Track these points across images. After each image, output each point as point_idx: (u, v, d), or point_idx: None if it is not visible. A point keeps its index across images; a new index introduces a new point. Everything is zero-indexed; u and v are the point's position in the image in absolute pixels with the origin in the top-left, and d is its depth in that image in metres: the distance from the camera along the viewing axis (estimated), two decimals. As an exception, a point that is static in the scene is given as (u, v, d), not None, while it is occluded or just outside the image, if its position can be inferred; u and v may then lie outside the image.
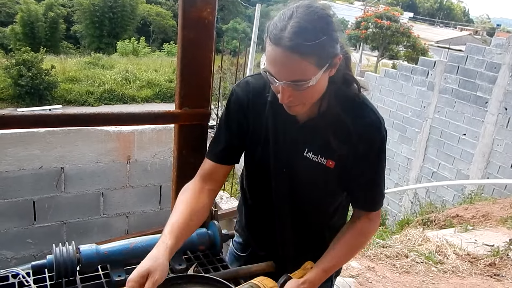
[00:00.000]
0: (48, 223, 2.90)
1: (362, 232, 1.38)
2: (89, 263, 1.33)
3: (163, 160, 3.23)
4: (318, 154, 1.30)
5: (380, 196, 1.37)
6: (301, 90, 1.13)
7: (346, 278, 3.38)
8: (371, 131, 1.27)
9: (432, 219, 5.78)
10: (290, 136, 1.32)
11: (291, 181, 1.36)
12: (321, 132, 1.28)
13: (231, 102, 1.38)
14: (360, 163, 1.29)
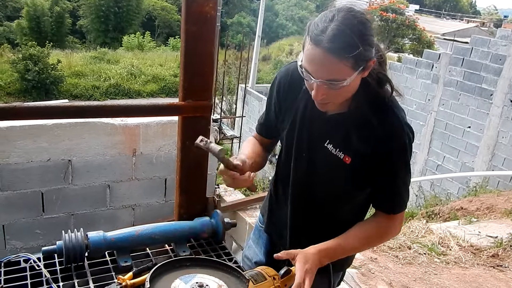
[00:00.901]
0: (56, 214, 2.97)
1: (380, 229, 1.43)
2: (96, 249, 1.39)
3: (168, 153, 3.28)
4: (337, 148, 1.37)
5: (399, 200, 1.40)
6: (334, 89, 1.20)
7: (349, 269, 3.42)
8: (392, 136, 1.30)
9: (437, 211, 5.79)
10: (315, 125, 1.40)
11: (309, 167, 1.44)
12: (345, 128, 1.34)
13: (273, 84, 1.51)
14: (377, 165, 1.33)
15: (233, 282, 1.23)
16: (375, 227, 1.42)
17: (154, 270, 1.19)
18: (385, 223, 1.42)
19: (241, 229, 3.61)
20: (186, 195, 1.71)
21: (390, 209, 1.40)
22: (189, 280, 1.15)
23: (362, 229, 1.42)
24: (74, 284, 1.30)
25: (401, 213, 1.42)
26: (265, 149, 1.62)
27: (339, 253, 1.40)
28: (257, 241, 1.78)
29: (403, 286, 3.47)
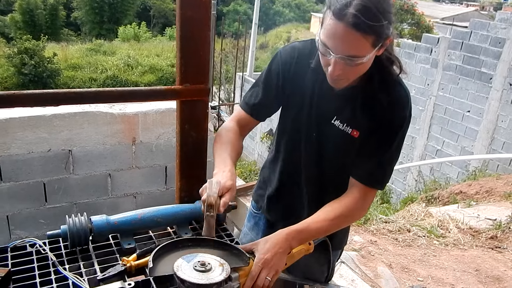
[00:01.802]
0: (58, 204, 2.99)
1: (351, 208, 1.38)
2: (100, 233, 1.42)
3: (168, 141, 3.29)
4: (344, 123, 1.38)
5: (384, 174, 1.40)
6: (352, 66, 1.20)
7: (349, 252, 3.47)
8: (396, 106, 1.33)
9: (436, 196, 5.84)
10: (323, 103, 1.40)
11: (319, 147, 1.44)
12: (352, 103, 1.36)
13: (273, 62, 1.47)
14: (377, 135, 1.35)
15: (234, 260, 1.26)
16: (345, 206, 1.38)
17: (157, 251, 1.22)
18: (357, 200, 1.37)
19: (241, 214, 3.64)
20: (186, 179, 1.73)
21: (370, 181, 1.39)
22: (191, 259, 1.18)
23: (332, 209, 1.38)
24: (80, 267, 1.33)
25: (374, 191, 1.42)
26: (242, 137, 1.55)
27: (308, 235, 1.37)
28: (253, 228, 1.80)
29: (402, 267, 3.52)
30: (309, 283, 1.55)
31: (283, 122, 1.54)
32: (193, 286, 1.11)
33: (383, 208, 5.31)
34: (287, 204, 1.60)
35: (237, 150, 1.47)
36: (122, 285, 1.24)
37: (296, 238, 1.32)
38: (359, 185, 1.39)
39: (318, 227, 1.36)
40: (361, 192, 1.39)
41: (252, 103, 1.52)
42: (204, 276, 1.12)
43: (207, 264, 1.16)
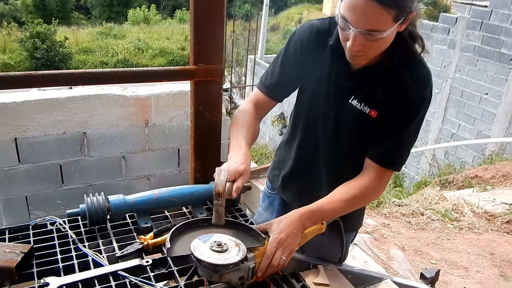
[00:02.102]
0: (75, 185, 3.04)
1: (366, 189, 1.36)
2: (117, 212, 1.44)
3: (180, 124, 3.30)
4: (362, 103, 1.35)
5: (400, 155, 1.37)
6: (372, 41, 1.17)
7: (361, 234, 3.48)
8: (418, 85, 1.29)
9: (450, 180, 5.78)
10: (341, 82, 1.37)
11: (337, 127, 1.42)
12: (370, 82, 1.33)
13: (291, 40, 1.44)
14: (395, 115, 1.32)
15: (249, 240, 1.26)
16: (360, 187, 1.36)
17: (173, 231, 1.23)
18: (372, 182, 1.35)
19: (254, 196, 3.66)
20: (201, 160, 1.74)
21: (386, 162, 1.36)
22: (207, 239, 1.19)
23: (347, 190, 1.36)
24: (99, 244, 1.35)
25: (390, 172, 1.39)
26: (259, 119, 1.52)
27: (322, 216, 1.36)
28: (267, 208, 1.80)
29: (415, 250, 3.52)
30: (323, 263, 1.56)
31: (300, 101, 1.52)
32: (210, 266, 1.12)
33: (396, 191, 5.29)
34: (303, 184, 1.60)
35: (253, 132, 1.45)
36: (140, 262, 1.27)
37: (310, 219, 1.32)
38: (374, 166, 1.37)
39: (332, 207, 1.36)
40: (377, 173, 1.36)
41: (269, 83, 1.50)
42: (221, 257, 1.13)
43: (223, 245, 1.16)
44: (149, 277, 1.22)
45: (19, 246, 1.24)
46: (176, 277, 1.25)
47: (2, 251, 1.19)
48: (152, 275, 1.23)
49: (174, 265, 1.28)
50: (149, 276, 1.23)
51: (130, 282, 1.19)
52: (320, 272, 1.50)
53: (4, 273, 1.14)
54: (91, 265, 1.25)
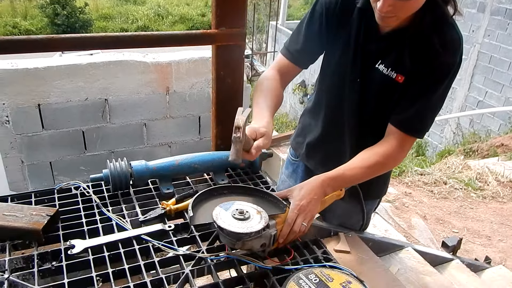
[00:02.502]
0: (97, 152, 3.09)
1: (388, 156, 1.33)
2: (140, 177, 1.45)
3: (201, 91, 3.29)
4: (389, 67, 1.31)
5: (424, 122, 1.33)
6: (403, 1, 1.12)
7: (383, 203, 3.46)
8: (449, 49, 1.23)
9: (475, 149, 5.67)
10: (368, 46, 1.33)
11: (363, 93, 1.38)
12: (399, 46, 1.28)
13: (317, 3, 1.39)
14: (422, 81, 1.27)
15: (271, 207, 1.26)
16: (381, 154, 1.33)
17: (195, 199, 1.24)
18: (394, 148, 1.32)
19: (275, 165, 3.67)
20: (222, 126, 1.73)
21: (409, 128, 1.32)
22: (229, 207, 1.19)
23: (368, 156, 1.33)
24: (122, 209, 1.37)
25: (413, 139, 1.35)
26: (284, 85, 1.49)
27: (343, 182, 1.35)
28: (291, 175, 1.79)
29: (437, 219, 3.49)
30: (344, 231, 1.55)
31: (326, 66, 1.48)
32: (232, 234, 1.12)
33: (419, 160, 5.22)
34: (327, 151, 1.58)
35: (277, 100, 1.42)
36: (163, 227, 1.28)
37: (331, 185, 1.31)
38: (397, 132, 1.33)
39: (353, 174, 1.33)
40: (399, 139, 1.33)
41: (294, 49, 1.45)
42: (244, 225, 1.13)
43: (245, 213, 1.16)
44: (171, 241, 1.24)
45: (45, 209, 1.26)
46: (198, 242, 1.26)
47: (28, 214, 1.22)
48: (175, 240, 1.25)
49: (196, 231, 1.29)
50: (171, 241, 1.24)
51: (153, 246, 1.21)
52: (341, 239, 1.50)
53: (31, 235, 1.17)
54: (115, 229, 1.27)
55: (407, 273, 1.60)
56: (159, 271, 1.13)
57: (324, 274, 1.12)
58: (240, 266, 1.19)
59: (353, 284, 1.09)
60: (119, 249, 1.18)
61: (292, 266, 1.18)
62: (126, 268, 1.11)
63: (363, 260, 1.41)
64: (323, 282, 1.09)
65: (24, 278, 1.07)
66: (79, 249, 1.16)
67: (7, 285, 1.03)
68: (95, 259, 1.14)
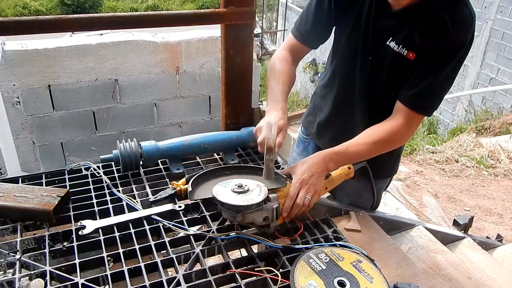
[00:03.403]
0: (108, 132, 3.10)
1: (394, 132, 1.31)
2: (150, 158, 1.45)
3: (211, 71, 3.27)
4: (400, 44, 1.29)
5: (432, 100, 1.30)
6: None
7: (394, 181, 3.44)
8: (460, 27, 1.20)
9: (487, 126, 5.59)
10: (380, 23, 1.31)
11: (374, 71, 1.37)
12: (409, 23, 1.26)
13: None
14: (432, 57, 1.25)
15: (272, 183, 1.25)
16: (387, 131, 1.31)
17: (196, 178, 1.27)
18: (400, 126, 1.29)
19: (285, 144, 3.65)
20: (232, 106, 1.72)
21: (416, 105, 1.29)
22: (228, 183, 1.20)
23: (373, 133, 1.31)
24: (132, 189, 1.38)
25: (420, 117, 1.32)
26: (295, 65, 1.50)
27: (347, 158, 1.33)
28: (302, 153, 1.79)
29: (449, 197, 3.48)
30: (354, 210, 1.55)
31: (337, 44, 1.45)
32: (233, 207, 1.13)
33: (430, 138, 5.17)
34: (338, 130, 1.56)
35: (289, 81, 1.43)
36: (173, 207, 1.29)
37: (334, 160, 1.29)
38: (404, 110, 1.31)
39: (357, 150, 1.31)
40: (406, 117, 1.30)
41: (304, 29, 1.44)
42: (244, 198, 1.14)
43: (244, 186, 1.17)
44: (182, 221, 1.25)
45: (55, 190, 1.27)
46: (209, 222, 1.26)
47: (39, 195, 1.23)
48: (185, 220, 1.25)
49: (206, 210, 1.30)
50: (182, 221, 1.25)
51: (163, 226, 1.22)
52: (351, 218, 1.50)
53: (42, 216, 1.19)
54: (126, 209, 1.28)
55: (418, 252, 1.59)
56: (170, 251, 1.14)
57: (335, 253, 1.12)
58: (251, 245, 1.19)
59: (363, 263, 1.09)
60: (130, 230, 1.19)
61: (302, 245, 1.18)
62: (136, 248, 1.12)
63: (374, 238, 1.41)
64: (334, 262, 1.09)
65: (36, 259, 1.09)
66: (90, 230, 1.17)
67: (19, 266, 1.05)
68: (106, 239, 1.15)
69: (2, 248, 1.10)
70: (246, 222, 1.16)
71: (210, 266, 1.08)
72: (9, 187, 1.27)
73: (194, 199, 1.23)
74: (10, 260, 1.07)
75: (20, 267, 1.05)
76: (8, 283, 1.01)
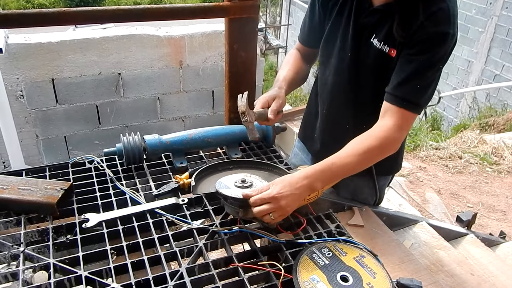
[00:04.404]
0: (111, 126, 3.11)
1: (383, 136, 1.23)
2: (153, 151, 1.45)
3: (214, 65, 3.27)
4: (381, 41, 1.28)
5: (418, 93, 1.23)
6: None
7: (397, 177, 3.43)
8: (437, 23, 1.17)
9: (491, 123, 5.57)
10: (360, 20, 1.31)
11: (354, 68, 1.36)
12: (390, 19, 1.24)
13: None
14: (410, 52, 1.22)
15: (274, 177, 1.25)
16: (375, 137, 1.23)
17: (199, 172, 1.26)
18: (389, 128, 1.22)
19: (289, 139, 3.65)
20: (235, 100, 1.70)
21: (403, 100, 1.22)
22: (232, 178, 1.21)
23: (361, 141, 1.23)
24: (136, 183, 1.38)
25: (410, 115, 1.24)
26: (306, 61, 1.56)
27: (333, 174, 1.23)
28: (303, 148, 1.78)
29: (452, 193, 3.46)
30: (357, 205, 1.55)
31: (322, 43, 1.46)
32: (236, 202, 1.14)
33: (434, 134, 5.15)
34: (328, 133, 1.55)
35: (295, 70, 1.48)
36: (176, 201, 1.29)
37: (320, 180, 1.19)
38: (390, 109, 1.25)
39: (345, 163, 1.21)
40: (394, 117, 1.24)
41: (302, 31, 1.52)
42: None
43: (247, 181, 1.18)
44: (185, 215, 1.25)
45: (59, 183, 1.27)
46: (212, 216, 1.26)
47: (43, 188, 1.23)
48: (188, 214, 1.25)
49: (209, 204, 1.30)
50: (185, 214, 1.25)
51: (167, 220, 1.22)
52: (354, 213, 1.50)
53: (46, 209, 1.19)
54: (129, 202, 1.28)
55: (421, 248, 1.59)
56: (173, 244, 1.14)
57: (337, 248, 1.12)
58: (254, 240, 1.19)
59: (366, 259, 1.09)
60: (133, 223, 1.19)
61: (305, 240, 1.18)
62: (140, 242, 1.12)
63: (377, 234, 1.41)
64: (336, 256, 1.09)
65: (39, 251, 1.09)
66: (94, 223, 1.17)
67: (22, 258, 1.05)
68: (109, 232, 1.16)
69: (6, 241, 1.10)
70: (248, 217, 1.16)
71: (213, 260, 1.08)
72: (13, 180, 1.27)
73: (198, 193, 1.23)
74: (14, 253, 1.07)
75: (24, 260, 1.06)
76: (12, 275, 1.01)
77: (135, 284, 0.98)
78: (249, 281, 1.03)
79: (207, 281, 1.03)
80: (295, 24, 11.27)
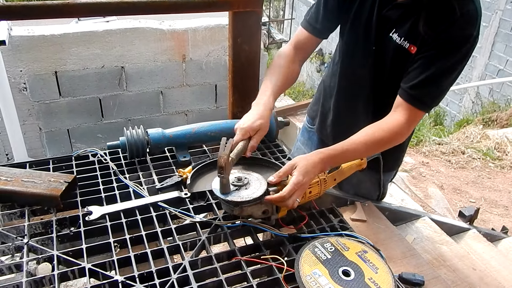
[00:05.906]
0: (114, 120, 3.11)
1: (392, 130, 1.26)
2: (156, 145, 1.45)
3: (217, 59, 3.26)
4: (402, 37, 1.26)
5: (433, 95, 1.25)
6: None
7: (400, 173, 3.43)
8: (464, 24, 1.17)
9: (494, 118, 5.55)
10: (384, 14, 1.29)
11: (377, 62, 1.35)
12: (414, 14, 1.23)
13: None
14: (434, 51, 1.21)
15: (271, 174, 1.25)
16: (386, 129, 1.26)
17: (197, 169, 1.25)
18: (399, 123, 1.25)
19: (292, 133, 3.65)
20: (239, 94, 1.71)
21: (416, 99, 1.24)
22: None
23: (372, 132, 1.27)
24: (139, 176, 1.38)
25: (420, 113, 1.27)
26: (300, 60, 1.46)
27: (343, 159, 1.29)
28: (306, 142, 1.78)
29: (454, 189, 3.46)
30: (360, 200, 1.55)
31: (342, 35, 1.44)
32: (230, 202, 1.12)
33: (437, 129, 5.14)
34: (340, 124, 1.55)
35: (286, 77, 1.40)
36: (179, 195, 1.29)
37: (332, 162, 1.24)
38: (403, 105, 1.27)
39: (355, 149, 1.26)
40: (405, 113, 1.26)
41: (314, 20, 1.42)
42: (242, 192, 1.13)
43: (243, 179, 1.16)
44: (188, 209, 1.25)
45: (62, 175, 1.28)
46: (215, 210, 1.27)
47: (47, 180, 1.24)
48: (191, 207, 1.26)
49: (212, 198, 1.30)
50: (188, 208, 1.25)
51: (170, 213, 1.22)
52: (357, 208, 1.50)
53: (50, 201, 1.20)
54: (132, 196, 1.29)
55: (423, 243, 1.59)
56: (176, 237, 1.14)
57: (340, 243, 1.12)
58: (256, 233, 1.19)
59: (369, 253, 1.09)
60: (136, 216, 1.20)
61: (308, 234, 1.18)
62: (143, 235, 1.13)
63: (379, 229, 1.41)
64: (339, 251, 1.09)
65: (43, 243, 1.10)
66: (97, 216, 1.18)
67: (26, 250, 1.06)
68: (113, 225, 1.16)
69: (10, 232, 1.11)
70: (244, 215, 1.16)
71: (216, 254, 1.09)
72: (17, 172, 1.28)
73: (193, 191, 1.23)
74: (18, 244, 1.08)
75: (27, 251, 1.06)
76: (16, 267, 1.02)
77: (138, 277, 0.99)
78: (251, 274, 1.03)
79: (210, 275, 1.04)
80: (299, 18, 11.21)
